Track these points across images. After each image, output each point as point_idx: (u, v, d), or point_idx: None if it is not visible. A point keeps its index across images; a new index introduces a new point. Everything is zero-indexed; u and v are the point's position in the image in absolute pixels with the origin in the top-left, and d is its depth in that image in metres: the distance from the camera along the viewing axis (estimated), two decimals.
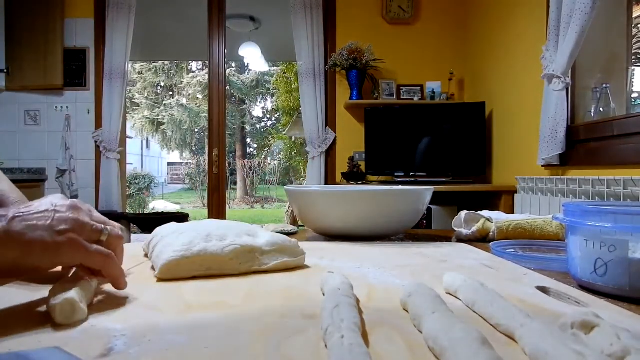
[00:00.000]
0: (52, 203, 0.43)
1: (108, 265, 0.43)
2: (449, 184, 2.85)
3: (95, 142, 3.36)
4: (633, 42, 2.09)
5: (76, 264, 0.44)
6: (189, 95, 15.82)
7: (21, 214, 0.39)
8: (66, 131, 3.31)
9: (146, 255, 0.65)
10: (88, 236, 0.43)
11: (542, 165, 2.18)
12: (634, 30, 2.10)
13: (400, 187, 1.06)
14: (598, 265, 0.48)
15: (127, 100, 3.86)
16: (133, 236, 0.91)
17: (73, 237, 0.41)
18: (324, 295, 0.44)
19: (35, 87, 3.32)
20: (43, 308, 0.38)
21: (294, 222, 1.29)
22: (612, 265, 0.47)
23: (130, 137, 14.22)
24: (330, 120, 3.42)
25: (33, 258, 0.39)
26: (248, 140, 17.81)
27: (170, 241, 0.57)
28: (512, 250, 0.73)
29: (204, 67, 14.99)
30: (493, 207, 2.21)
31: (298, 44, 3.38)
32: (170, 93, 16.43)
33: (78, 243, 0.41)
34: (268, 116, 18.02)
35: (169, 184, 18.08)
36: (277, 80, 14.78)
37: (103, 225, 0.45)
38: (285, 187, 0.98)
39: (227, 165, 3.92)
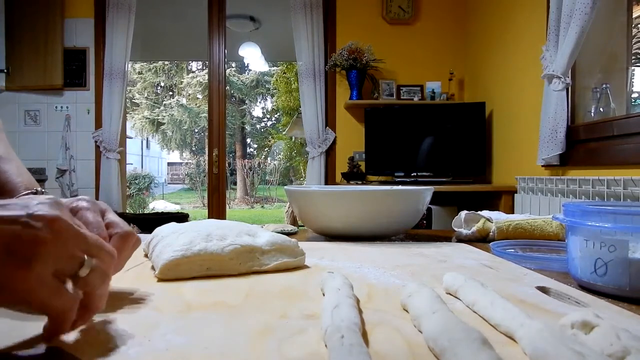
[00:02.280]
0: (27, 207, 0.30)
1: (67, 313, 0.31)
2: (449, 184, 2.85)
3: (95, 142, 3.36)
4: (633, 42, 2.09)
5: (24, 303, 0.30)
6: (189, 95, 15.82)
7: None
8: (66, 131, 3.31)
9: (146, 255, 0.65)
10: (62, 265, 0.31)
11: (542, 165, 2.18)
12: (634, 30, 2.10)
13: (400, 187, 1.06)
14: (598, 265, 0.48)
15: (127, 100, 3.86)
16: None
17: (39, 266, 0.29)
18: (324, 295, 0.44)
19: (35, 87, 3.32)
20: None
21: (294, 222, 1.28)
22: (612, 265, 0.47)
23: (130, 137, 14.23)
24: (330, 120, 3.42)
25: None
26: (248, 140, 17.82)
27: (170, 241, 0.57)
28: (512, 250, 0.73)
29: (204, 67, 15.00)
30: (493, 207, 2.21)
31: (298, 44, 3.37)
32: (170, 93, 16.43)
33: (43, 275, 0.29)
34: (268, 116, 18.03)
35: (169, 184, 18.08)
36: (277, 80, 14.78)
37: (85, 256, 0.32)
38: (285, 187, 0.98)
39: (227, 165, 3.92)
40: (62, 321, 0.31)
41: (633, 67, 2.08)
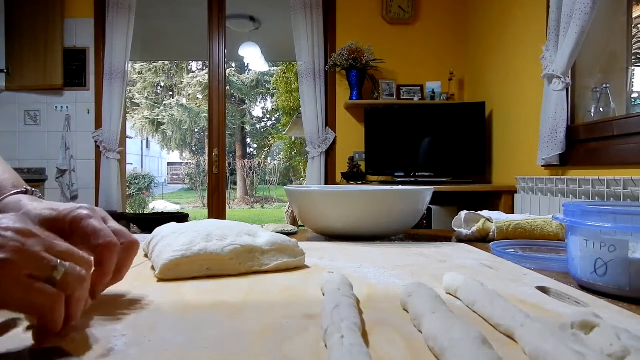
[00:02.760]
0: None
1: (54, 308, 0.32)
2: (449, 184, 2.85)
3: (95, 142, 3.36)
4: (633, 42, 2.09)
5: (7, 306, 0.32)
6: (189, 95, 15.82)
7: None
8: (66, 131, 3.31)
9: (146, 255, 0.65)
10: (35, 268, 0.32)
11: (542, 165, 2.18)
12: (634, 30, 2.10)
13: (400, 187, 1.06)
14: (598, 265, 0.48)
15: (127, 100, 3.86)
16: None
17: (11, 268, 0.31)
18: (324, 295, 0.44)
19: (35, 87, 3.32)
20: None
21: (294, 222, 1.29)
22: (612, 265, 0.47)
23: (130, 137, 14.23)
24: (330, 120, 3.42)
25: None
26: (248, 140, 17.82)
27: (170, 241, 0.57)
28: (512, 250, 0.73)
29: (204, 67, 14.99)
30: (493, 207, 2.21)
31: (298, 44, 3.37)
32: (170, 93, 16.43)
33: (17, 276, 0.31)
34: (268, 116, 18.03)
35: (169, 184, 18.08)
36: (277, 80, 14.78)
37: (59, 260, 0.33)
38: (285, 187, 0.98)
39: (227, 165, 3.92)
40: (50, 318, 0.32)
41: (633, 67, 2.08)
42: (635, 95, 2.13)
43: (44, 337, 0.32)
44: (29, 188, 0.52)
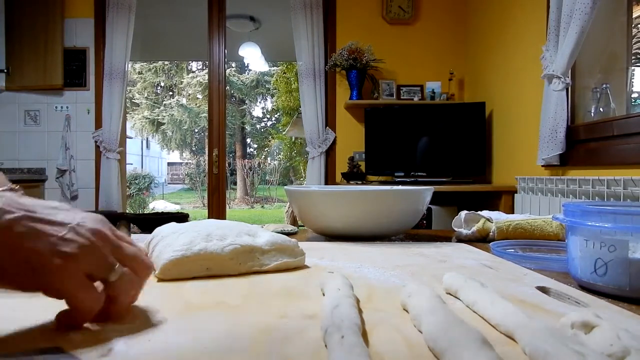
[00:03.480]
0: (74, 217, 0.35)
1: (92, 310, 0.35)
2: (449, 184, 2.85)
3: (95, 142, 3.36)
4: (633, 42, 2.09)
5: (58, 296, 0.34)
6: (189, 95, 15.82)
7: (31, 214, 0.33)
8: (66, 131, 3.31)
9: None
10: (95, 268, 0.35)
11: (542, 165, 2.18)
12: (634, 30, 2.10)
13: (400, 187, 1.06)
14: (598, 265, 0.48)
15: (127, 100, 3.86)
16: (133, 236, 0.90)
17: (74, 263, 0.33)
18: (324, 295, 0.44)
19: (35, 87, 3.32)
20: (43, 309, 0.38)
21: (294, 222, 1.29)
22: (612, 265, 0.47)
23: (130, 137, 14.23)
24: (330, 120, 3.42)
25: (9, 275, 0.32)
26: (248, 140, 17.81)
27: (170, 241, 0.57)
28: (512, 250, 0.73)
29: (204, 67, 14.99)
30: (493, 207, 2.21)
31: (298, 44, 3.37)
32: (170, 93, 16.43)
33: (76, 271, 0.33)
34: (268, 116, 18.03)
35: (169, 184, 18.08)
36: (277, 80, 14.78)
37: (117, 264, 0.36)
38: (285, 187, 0.98)
39: (227, 165, 3.92)
40: (83, 315, 0.35)
41: (633, 67, 2.08)
42: (635, 95, 2.13)
43: (67, 322, 0.35)
44: (13, 186, 0.53)
